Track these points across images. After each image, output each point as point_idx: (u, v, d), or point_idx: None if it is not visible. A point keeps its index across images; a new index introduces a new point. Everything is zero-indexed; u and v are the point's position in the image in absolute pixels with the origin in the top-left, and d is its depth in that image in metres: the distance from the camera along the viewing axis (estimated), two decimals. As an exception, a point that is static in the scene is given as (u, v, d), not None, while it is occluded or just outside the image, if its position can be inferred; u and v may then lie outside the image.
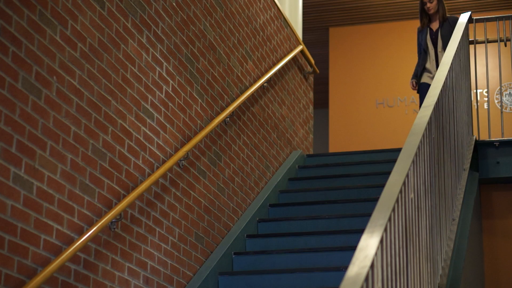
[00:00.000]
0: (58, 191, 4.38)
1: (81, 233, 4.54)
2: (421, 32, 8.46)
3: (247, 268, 6.27)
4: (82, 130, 4.66)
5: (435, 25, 8.36)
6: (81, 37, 4.75)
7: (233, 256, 6.33)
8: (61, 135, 4.46)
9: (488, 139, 7.49)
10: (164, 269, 5.46)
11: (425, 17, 8.40)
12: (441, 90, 5.31)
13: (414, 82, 8.32)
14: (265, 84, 7.71)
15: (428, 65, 8.30)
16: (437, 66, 8.20)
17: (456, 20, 8.11)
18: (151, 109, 5.49)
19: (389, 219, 3.23)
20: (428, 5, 8.31)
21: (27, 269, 4.08)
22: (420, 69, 8.32)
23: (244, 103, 7.16)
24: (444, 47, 8.12)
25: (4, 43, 4.06)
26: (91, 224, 4.64)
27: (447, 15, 8.33)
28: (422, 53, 8.34)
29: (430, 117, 4.73)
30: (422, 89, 8.24)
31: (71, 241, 4.43)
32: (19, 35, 4.18)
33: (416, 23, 12.96)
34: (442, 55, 7.89)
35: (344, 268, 5.72)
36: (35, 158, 4.22)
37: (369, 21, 12.41)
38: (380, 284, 2.97)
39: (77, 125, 4.62)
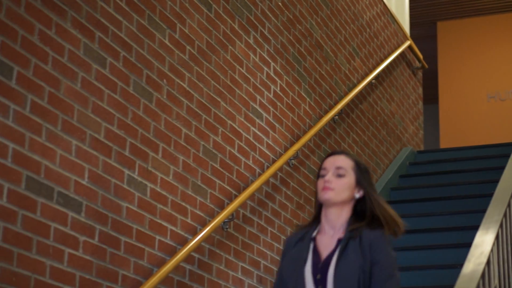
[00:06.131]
0: (171, 192, 4.45)
1: (194, 233, 4.59)
2: (292, 246, 3.20)
3: (359, 266, 6.21)
4: (192, 131, 4.72)
5: (327, 238, 3.19)
6: (190, 40, 4.81)
7: (346, 254, 6.28)
8: (173, 137, 4.52)
9: None
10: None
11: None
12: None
13: None
14: (373, 81, 7.65)
15: None
16: None
17: (380, 239, 3.13)
18: (259, 109, 5.52)
19: (505, 215, 3.17)
20: (328, 177, 3.18)
21: (143, 269, 4.15)
22: None
23: (352, 100, 7.12)
24: None
25: (115, 48, 4.15)
26: (204, 225, 4.69)
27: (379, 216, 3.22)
28: None
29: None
30: None
31: (185, 242, 4.49)
32: (129, 39, 4.26)
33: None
34: None
35: (459, 265, 5.62)
36: (148, 160, 4.29)
37: (478, 13, 12.18)
38: (497, 281, 2.91)
39: (187, 127, 4.68)
